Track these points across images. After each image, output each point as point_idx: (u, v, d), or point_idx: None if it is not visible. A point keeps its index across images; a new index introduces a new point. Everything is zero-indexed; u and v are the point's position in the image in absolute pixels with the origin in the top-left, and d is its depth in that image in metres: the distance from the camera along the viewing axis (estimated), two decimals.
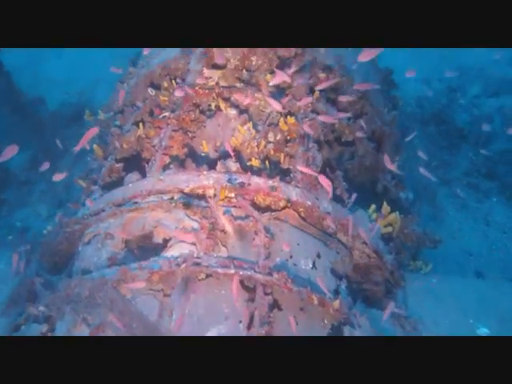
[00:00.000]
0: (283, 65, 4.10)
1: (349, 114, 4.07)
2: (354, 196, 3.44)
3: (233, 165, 3.36)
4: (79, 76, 9.03)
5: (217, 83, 4.09)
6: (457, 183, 5.90)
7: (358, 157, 4.39)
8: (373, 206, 3.66)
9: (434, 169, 6.13)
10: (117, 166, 3.88)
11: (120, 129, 4.22)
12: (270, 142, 3.88)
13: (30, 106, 6.73)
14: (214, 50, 4.04)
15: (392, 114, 4.81)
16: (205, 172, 3.30)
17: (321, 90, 4.28)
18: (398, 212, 3.68)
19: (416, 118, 7.17)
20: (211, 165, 3.58)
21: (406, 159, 5.15)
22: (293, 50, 4.06)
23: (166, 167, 3.48)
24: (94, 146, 4.16)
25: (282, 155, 3.76)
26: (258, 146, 3.75)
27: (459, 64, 8.52)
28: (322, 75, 4.37)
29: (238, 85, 4.06)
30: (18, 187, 6.03)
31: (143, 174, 3.55)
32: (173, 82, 4.34)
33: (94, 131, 3.50)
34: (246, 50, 4.00)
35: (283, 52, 4.04)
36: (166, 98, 4.16)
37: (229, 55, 4.06)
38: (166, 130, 3.78)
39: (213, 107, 4.04)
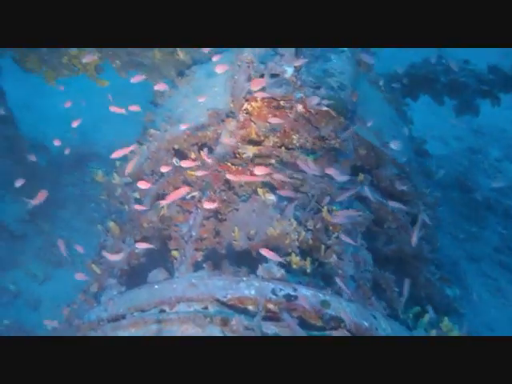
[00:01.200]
0: (325, 144, 3.73)
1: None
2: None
3: (276, 270, 2.91)
4: (81, 114, 8.58)
5: (251, 160, 3.70)
6: (488, 261, 5.54)
7: (398, 243, 3.99)
8: (427, 316, 3.24)
9: (461, 242, 5.77)
10: (136, 251, 3.42)
11: (139, 202, 3.77)
12: (308, 230, 3.47)
13: (30, 151, 6.23)
14: (253, 125, 3.65)
15: (434, 196, 4.45)
16: (244, 278, 2.86)
17: (363, 170, 3.95)
18: (454, 324, 3.27)
19: (439, 182, 6.84)
20: (244, 259, 3.17)
21: None
22: (336, 126, 3.68)
23: (197, 266, 3.02)
24: (111, 223, 3.69)
25: (323, 247, 3.35)
26: (298, 239, 3.34)
27: (479, 123, 8.31)
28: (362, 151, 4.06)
29: (275, 164, 3.67)
30: (12, 242, 5.49)
31: (170, 270, 3.09)
32: (201, 153, 3.93)
33: (184, 190, 3.31)
34: (287, 127, 3.62)
35: (327, 131, 3.66)
36: (193, 173, 3.74)
37: (267, 131, 3.68)
38: (196, 216, 3.34)
39: (244, 184, 3.63)
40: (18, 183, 4.09)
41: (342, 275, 3.05)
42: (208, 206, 3.34)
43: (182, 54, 6.18)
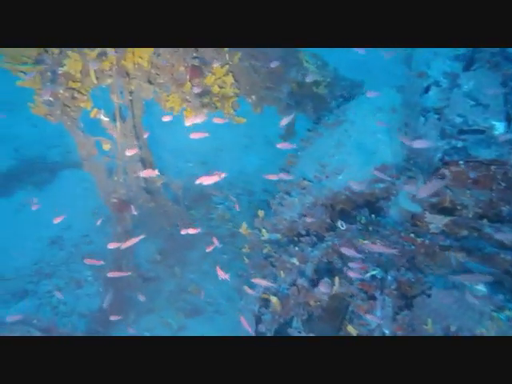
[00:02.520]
0: None
1: None
2: None
3: None
4: (200, 143, 8.54)
5: (442, 231, 3.05)
6: None
7: None
8: None
9: None
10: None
11: (304, 277, 3.28)
12: None
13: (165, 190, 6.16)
14: (448, 192, 3.01)
15: None
16: None
17: None
18: None
19: None
20: None
21: None
22: None
23: None
24: (273, 298, 3.25)
25: None
26: None
27: None
28: None
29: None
30: (145, 285, 5.38)
31: None
32: (372, 216, 3.38)
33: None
34: (495, 196, 2.92)
35: None
36: (366, 242, 3.18)
37: (466, 200, 3.01)
38: (383, 305, 2.76)
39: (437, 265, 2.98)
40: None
41: None
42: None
43: (320, 87, 5.74)
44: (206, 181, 3.88)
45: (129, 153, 4.28)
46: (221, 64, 5.09)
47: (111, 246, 3.67)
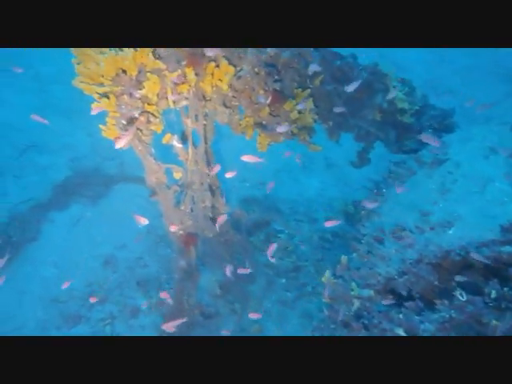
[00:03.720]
0: None
1: None
2: None
3: None
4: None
5: None
6: None
7: None
8: None
9: None
10: None
11: None
12: None
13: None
14: None
15: None
16: None
17: None
18: None
19: None
20: None
21: None
22: None
23: None
24: None
25: None
26: None
27: None
28: None
29: None
30: (205, 320, 4.97)
31: None
32: (505, 290, 2.81)
33: None
34: None
35: None
36: (498, 324, 2.63)
37: None
38: None
39: None
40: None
41: None
42: None
43: (406, 115, 5.19)
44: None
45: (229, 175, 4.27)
46: (302, 88, 4.64)
47: (166, 327, 3.32)
